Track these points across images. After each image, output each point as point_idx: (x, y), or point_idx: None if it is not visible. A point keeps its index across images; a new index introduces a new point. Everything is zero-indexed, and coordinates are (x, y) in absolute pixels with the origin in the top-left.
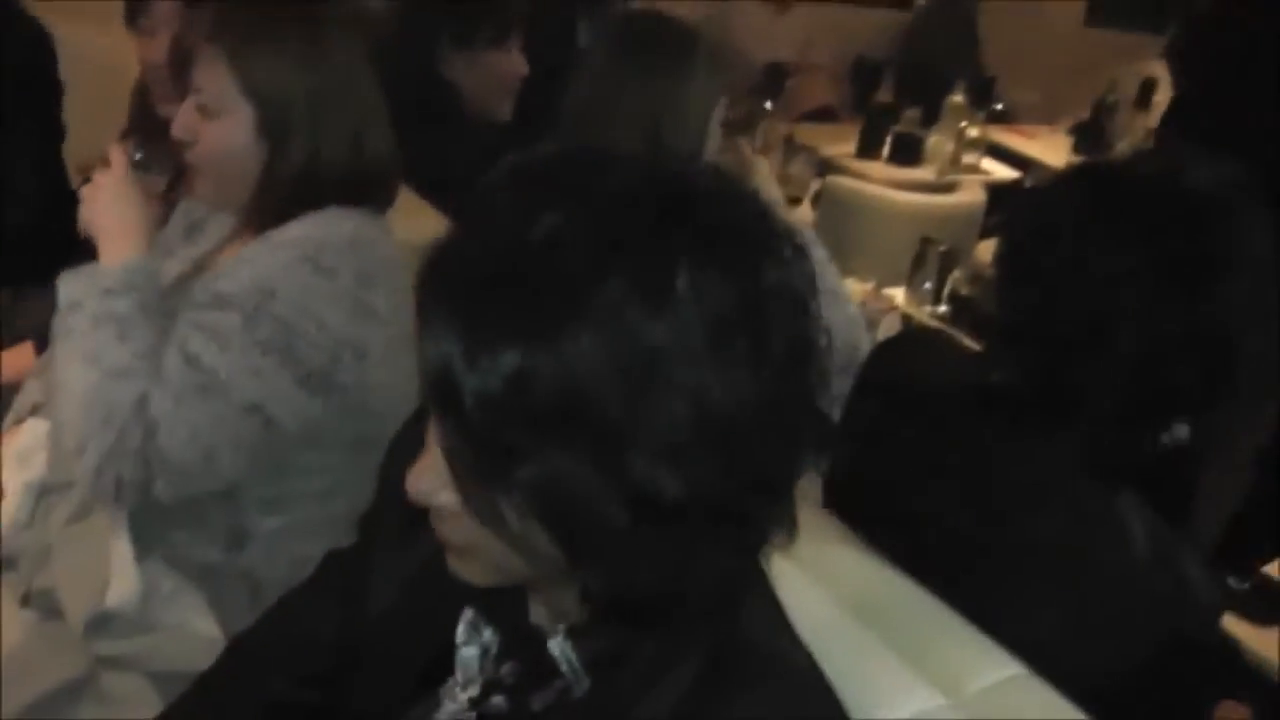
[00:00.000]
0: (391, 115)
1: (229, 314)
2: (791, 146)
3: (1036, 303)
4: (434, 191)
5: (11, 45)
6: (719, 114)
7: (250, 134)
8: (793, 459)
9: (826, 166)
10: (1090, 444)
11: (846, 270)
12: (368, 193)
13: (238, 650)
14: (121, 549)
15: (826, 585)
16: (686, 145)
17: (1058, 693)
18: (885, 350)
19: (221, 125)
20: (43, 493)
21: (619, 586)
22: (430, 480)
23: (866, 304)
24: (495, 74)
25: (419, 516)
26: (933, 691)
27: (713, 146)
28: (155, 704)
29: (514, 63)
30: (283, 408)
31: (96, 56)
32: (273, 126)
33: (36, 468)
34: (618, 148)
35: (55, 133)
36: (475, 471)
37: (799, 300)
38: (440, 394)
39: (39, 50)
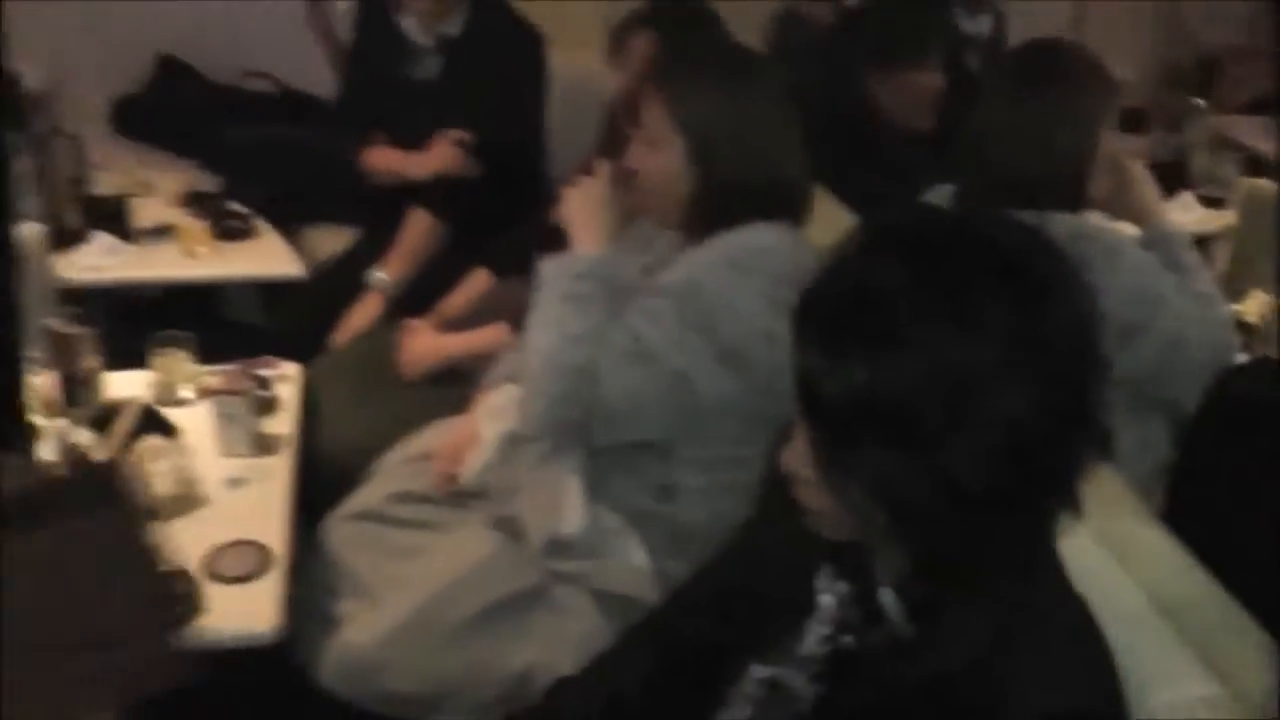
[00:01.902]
0: (819, 134)
1: (664, 300)
2: (1219, 143)
3: None
4: (859, 203)
5: (510, 46)
6: (1106, 126)
7: (682, 162)
8: (1074, 461)
9: (1256, 165)
10: None
11: (1257, 279)
12: (785, 208)
13: (672, 599)
14: (574, 489)
15: (1129, 568)
16: (1076, 159)
17: None
18: (1236, 373)
19: (660, 155)
20: (512, 442)
21: (929, 551)
22: (797, 458)
23: (1265, 317)
24: (914, 91)
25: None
26: (1210, 678)
27: (1102, 156)
28: (594, 616)
29: (932, 80)
30: (702, 376)
31: (567, 76)
32: (700, 155)
33: (507, 421)
34: (1013, 164)
35: (541, 132)
36: (828, 457)
37: (1083, 331)
38: (805, 395)
39: (534, 51)
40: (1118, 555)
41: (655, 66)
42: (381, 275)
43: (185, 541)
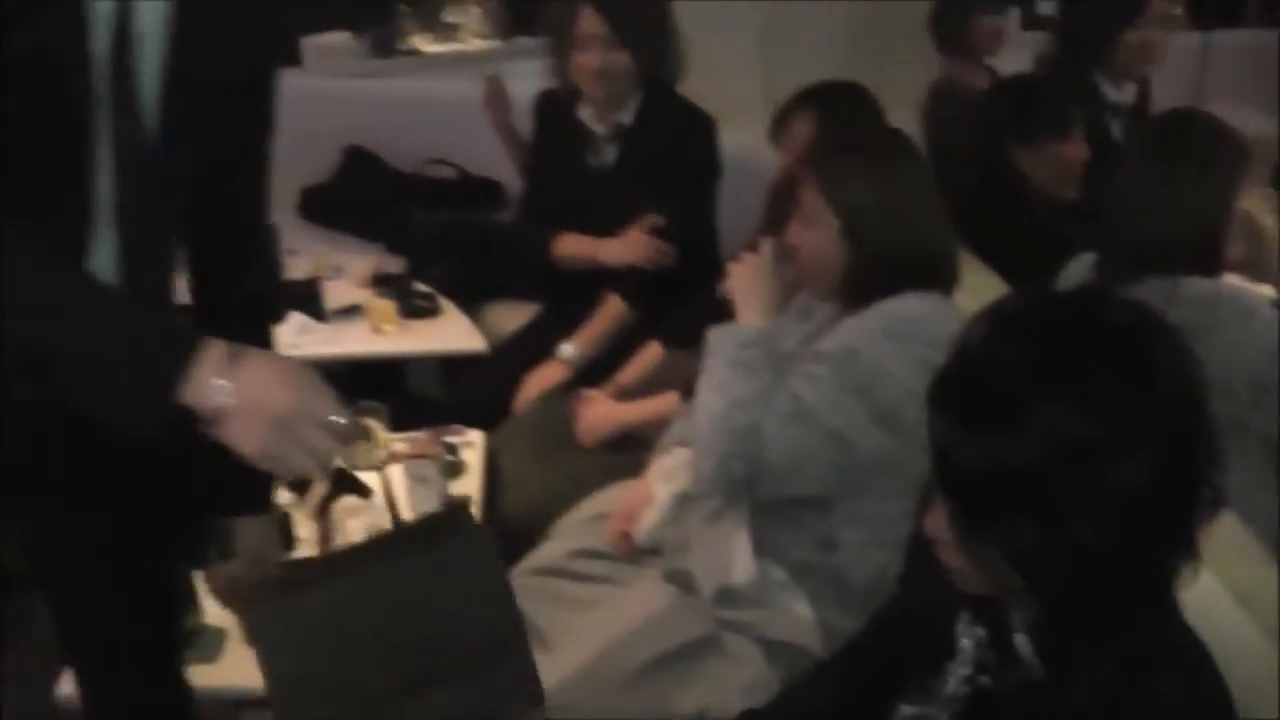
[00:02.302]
0: (969, 202)
1: (823, 365)
2: None
3: None
4: (1009, 270)
5: (682, 131)
6: (1241, 190)
7: (836, 239)
8: (1191, 519)
9: None
10: None
11: None
12: (934, 278)
13: (838, 651)
14: (742, 543)
15: (1250, 610)
16: (1210, 224)
17: None
18: None
19: (816, 233)
20: (683, 501)
21: (1060, 605)
22: (937, 523)
23: None
24: (1059, 162)
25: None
26: None
27: (1236, 220)
28: (761, 664)
29: (1077, 151)
30: (859, 435)
31: (734, 155)
32: (852, 232)
33: (679, 483)
34: (1150, 230)
35: (712, 212)
36: (965, 524)
37: (1191, 401)
38: (941, 467)
39: (705, 135)
40: (1239, 598)
41: (808, 151)
42: (571, 349)
43: None
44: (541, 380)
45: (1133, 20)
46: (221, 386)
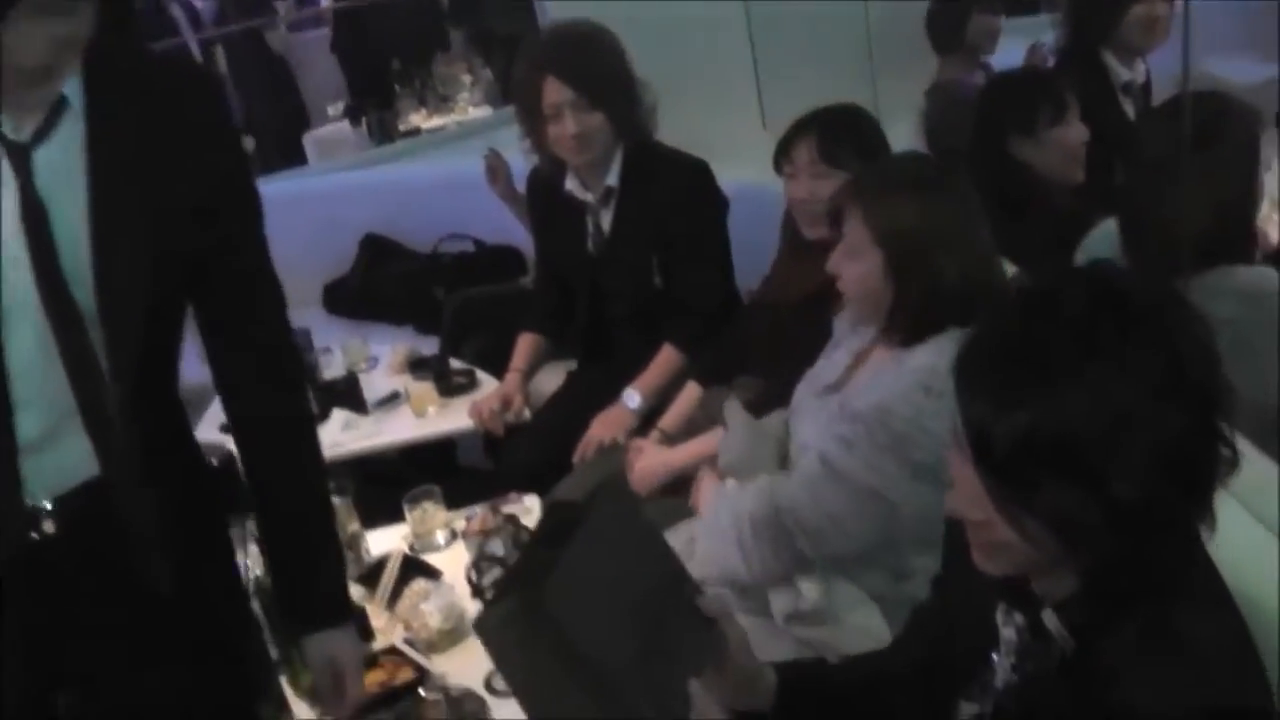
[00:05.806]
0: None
1: (856, 426)
2: None
3: None
4: (1025, 258)
5: (673, 183)
6: (1258, 170)
7: (881, 273)
8: (1211, 472)
9: None
10: None
11: None
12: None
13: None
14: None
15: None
16: (1237, 209)
17: None
18: None
19: (860, 265)
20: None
21: (1096, 571)
22: (962, 502)
23: None
24: (1061, 148)
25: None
26: None
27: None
28: None
29: (1076, 133)
30: (897, 492)
31: (736, 186)
32: (898, 267)
33: None
34: (1170, 215)
35: (724, 250)
36: (1003, 494)
37: (1211, 364)
38: (975, 442)
39: (700, 181)
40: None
41: (853, 183)
42: (637, 398)
43: (464, 666)
44: (608, 425)
45: None
46: None
